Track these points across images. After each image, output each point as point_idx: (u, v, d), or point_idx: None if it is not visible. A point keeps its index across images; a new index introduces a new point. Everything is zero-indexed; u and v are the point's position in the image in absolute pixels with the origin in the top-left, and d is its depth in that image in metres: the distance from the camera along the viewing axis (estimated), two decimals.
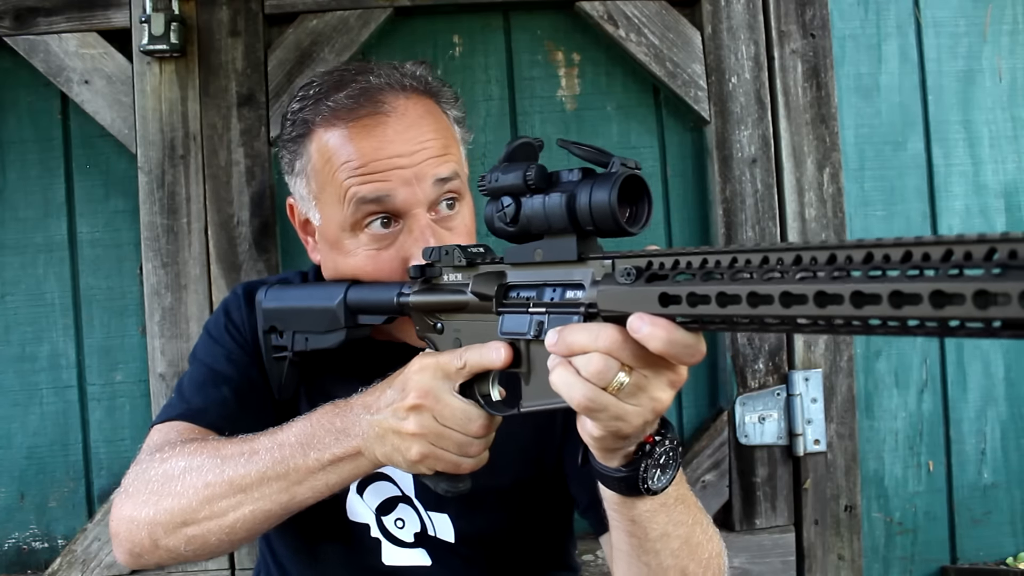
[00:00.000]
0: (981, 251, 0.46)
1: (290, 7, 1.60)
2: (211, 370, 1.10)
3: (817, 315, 0.54)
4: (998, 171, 1.81)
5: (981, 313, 0.45)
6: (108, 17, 1.58)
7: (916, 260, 0.49)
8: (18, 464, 1.65)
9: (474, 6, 1.68)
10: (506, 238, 0.80)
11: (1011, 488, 1.81)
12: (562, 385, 0.70)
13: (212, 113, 1.59)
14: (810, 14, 1.65)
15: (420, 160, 1.00)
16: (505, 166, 0.79)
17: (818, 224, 1.64)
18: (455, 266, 0.89)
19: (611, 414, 0.69)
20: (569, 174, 0.75)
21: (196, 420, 1.04)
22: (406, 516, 1.10)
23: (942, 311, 0.47)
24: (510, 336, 0.81)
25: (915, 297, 0.48)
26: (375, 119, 1.01)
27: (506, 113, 1.71)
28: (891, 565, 1.78)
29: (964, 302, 0.46)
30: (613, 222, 0.70)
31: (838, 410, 1.63)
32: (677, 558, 0.87)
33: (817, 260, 0.55)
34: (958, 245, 0.47)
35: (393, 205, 1.00)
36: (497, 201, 0.79)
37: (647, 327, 0.64)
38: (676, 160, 1.72)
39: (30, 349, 1.65)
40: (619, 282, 0.68)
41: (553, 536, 1.19)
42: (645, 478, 0.77)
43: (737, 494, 1.63)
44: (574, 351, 0.69)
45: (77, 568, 1.57)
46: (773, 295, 0.56)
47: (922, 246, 0.49)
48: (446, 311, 0.91)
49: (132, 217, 1.62)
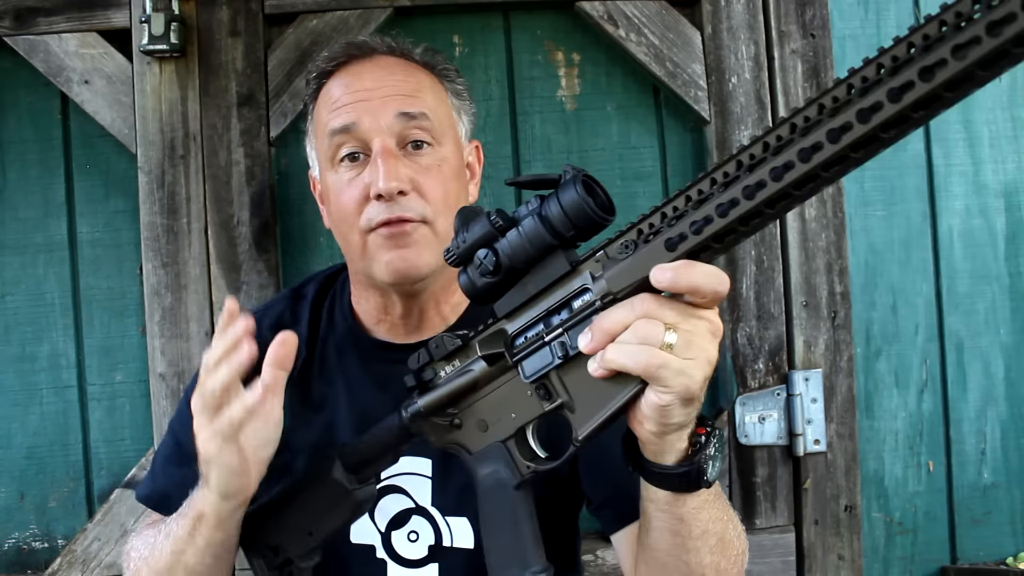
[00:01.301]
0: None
1: (290, 7, 1.61)
2: (178, 445, 1.13)
3: (806, 171, 0.60)
4: (998, 171, 1.81)
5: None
6: (108, 17, 1.58)
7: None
8: (18, 464, 1.65)
9: (474, 6, 1.68)
10: (491, 291, 0.79)
11: (1011, 488, 1.81)
12: (622, 356, 0.70)
13: (212, 113, 1.59)
14: (810, 14, 1.65)
15: (385, 94, 1.06)
16: (463, 229, 0.79)
17: (818, 224, 1.64)
18: (447, 356, 0.87)
19: (675, 370, 0.69)
20: (526, 206, 0.76)
21: (159, 509, 1.12)
22: (420, 528, 1.09)
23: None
24: (538, 374, 0.79)
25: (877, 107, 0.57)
26: (359, 64, 1.10)
27: (506, 113, 1.71)
28: (891, 565, 1.78)
29: None
30: (591, 213, 0.72)
31: (838, 410, 1.63)
32: (713, 555, 0.87)
33: (781, 136, 0.61)
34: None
35: (358, 133, 1.05)
36: (472, 260, 0.78)
37: (669, 272, 0.66)
38: (676, 160, 1.72)
39: (30, 349, 1.65)
40: (620, 259, 0.71)
41: (562, 538, 1.19)
42: (704, 469, 0.77)
43: (737, 494, 1.63)
44: (615, 332, 0.70)
45: (77, 568, 1.57)
46: (765, 179, 0.61)
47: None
48: (460, 398, 0.87)
49: (132, 217, 1.62)
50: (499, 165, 1.69)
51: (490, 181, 1.62)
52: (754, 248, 1.63)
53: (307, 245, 1.65)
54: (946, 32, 0.52)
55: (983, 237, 1.81)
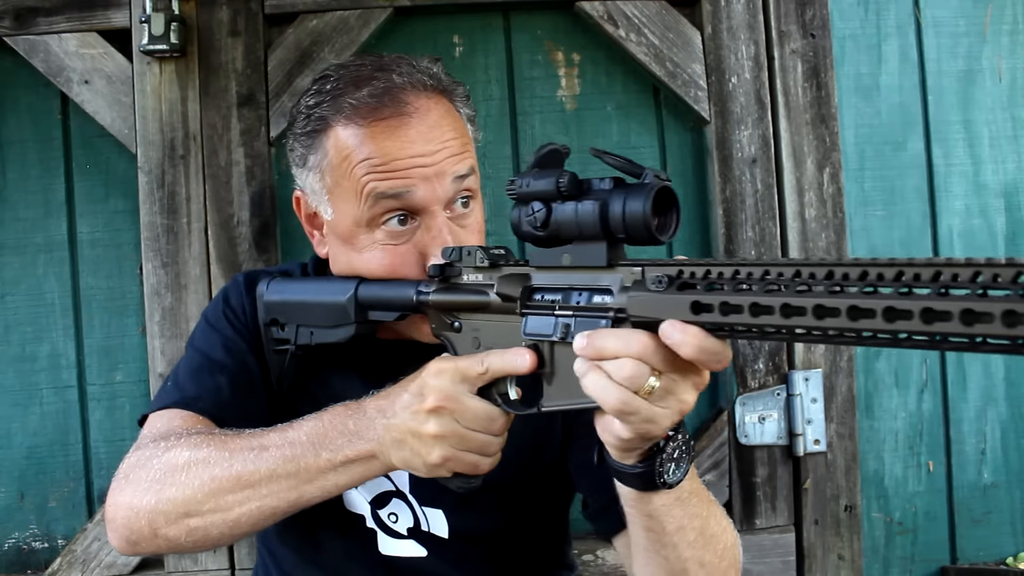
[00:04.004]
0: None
1: (290, 7, 1.60)
2: (207, 358, 1.10)
3: (845, 327, 0.56)
4: (998, 171, 1.81)
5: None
6: (108, 17, 1.58)
7: (945, 280, 0.52)
8: (18, 464, 1.65)
9: (474, 6, 1.68)
10: (532, 242, 0.81)
11: (1011, 488, 1.81)
12: (596, 389, 0.72)
13: (212, 113, 1.59)
14: (810, 14, 1.65)
15: (441, 159, 1.01)
16: (536, 172, 0.80)
17: (818, 224, 1.63)
18: (476, 267, 0.90)
19: (642, 417, 0.71)
20: (600, 183, 0.76)
21: (190, 408, 1.04)
22: (399, 511, 1.11)
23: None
24: (534, 337, 0.82)
25: (946, 314, 0.51)
26: (399, 120, 1.01)
27: (506, 113, 1.71)
28: (891, 565, 1.78)
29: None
30: (646, 231, 0.72)
31: (838, 410, 1.63)
32: (694, 549, 0.88)
33: (849, 276, 0.57)
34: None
35: (412, 202, 1.00)
36: (527, 206, 0.80)
37: (679, 334, 0.67)
38: (676, 160, 1.72)
39: (30, 349, 1.65)
40: (650, 289, 0.71)
41: (549, 535, 1.20)
42: (661, 472, 0.79)
43: (737, 494, 1.63)
44: (604, 355, 0.72)
45: (77, 568, 1.57)
46: (806, 307, 0.58)
47: (952, 266, 0.52)
48: (467, 310, 0.91)
49: (132, 217, 1.62)
50: (499, 165, 1.69)
51: (491, 181, 1.62)
52: (754, 248, 1.63)
53: (307, 245, 1.64)
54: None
55: (983, 237, 1.81)
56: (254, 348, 1.12)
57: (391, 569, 1.10)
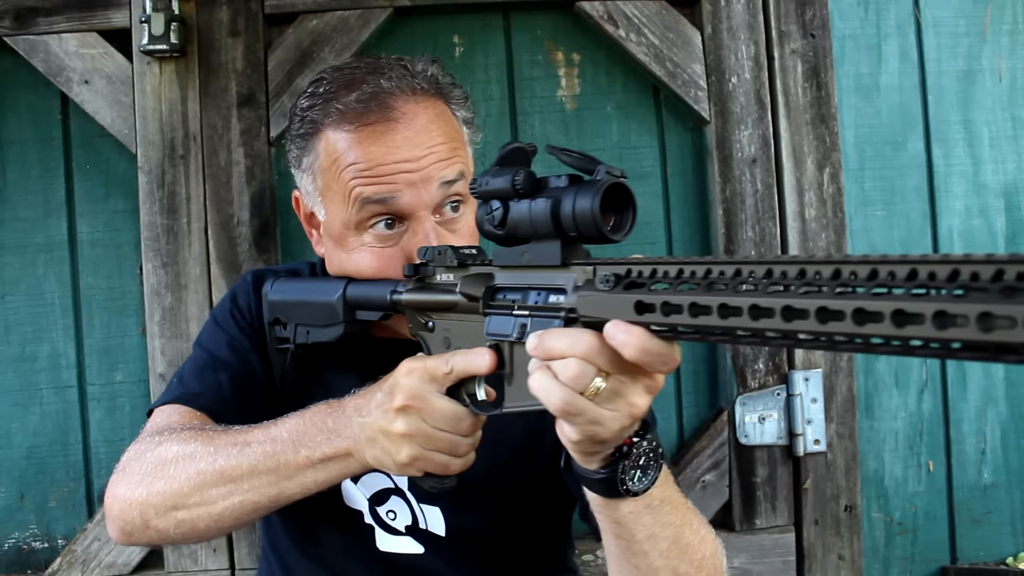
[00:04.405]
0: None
1: (290, 7, 1.60)
2: (211, 355, 1.12)
3: (785, 329, 0.53)
4: (998, 171, 1.81)
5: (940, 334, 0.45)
6: (108, 17, 1.58)
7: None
8: (18, 464, 1.65)
9: (474, 6, 1.68)
10: (494, 240, 0.81)
11: (1011, 488, 1.81)
12: (540, 389, 0.71)
13: (212, 113, 1.59)
14: (810, 14, 1.65)
15: (427, 164, 1.01)
16: (496, 170, 0.79)
17: (818, 224, 1.64)
18: (447, 266, 0.90)
19: (588, 418, 0.70)
20: (557, 180, 0.75)
21: (190, 403, 1.06)
22: (398, 508, 1.11)
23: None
24: (495, 338, 0.82)
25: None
26: (385, 125, 1.01)
27: (506, 113, 1.71)
28: (891, 565, 1.78)
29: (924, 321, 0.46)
30: (595, 229, 0.70)
31: (838, 410, 1.63)
32: (667, 559, 0.87)
33: (787, 274, 0.55)
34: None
35: (397, 207, 1.01)
36: (487, 204, 0.79)
37: (621, 335, 0.65)
38: (676, 160, 1.72)
39: (30, 349, 1.65)
40: (598, 288, 0.69)
41: (548, 537, 1.19)
42: (624, 479, 0.78)
43: (737, 494, 1.63)
44: (552, 355, 0.70)
45: (77, 568, 1.57)
46: (743, 307, 0.56)
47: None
48: (437, 310, 0.91)
49: (132, 217, 1.62)
50: None
51: None
52: (754, 248, 1.63)
53: (307, 245, 1.64)
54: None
55: (983, 237, 1.81)
56: (258, 347, 1.14)
57: (389, 565, 1.11)
